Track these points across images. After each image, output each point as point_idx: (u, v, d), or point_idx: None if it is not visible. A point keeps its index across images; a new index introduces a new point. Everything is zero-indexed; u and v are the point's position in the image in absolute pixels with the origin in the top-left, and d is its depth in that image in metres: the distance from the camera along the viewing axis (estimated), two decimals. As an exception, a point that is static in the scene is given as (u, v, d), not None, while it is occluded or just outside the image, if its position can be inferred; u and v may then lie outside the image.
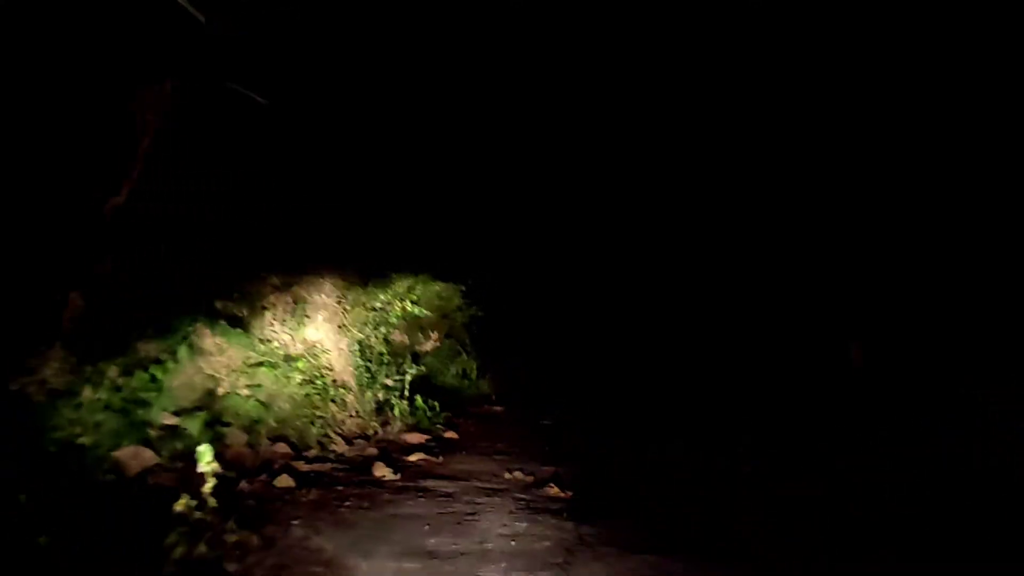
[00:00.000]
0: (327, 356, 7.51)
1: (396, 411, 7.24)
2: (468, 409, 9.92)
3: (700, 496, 4.97)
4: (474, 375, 11.68)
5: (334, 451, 6.06)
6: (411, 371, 9.40)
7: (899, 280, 9.08)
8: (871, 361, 9.29)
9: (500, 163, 13.74)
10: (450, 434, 7.61)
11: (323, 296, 7.74)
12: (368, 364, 8.68)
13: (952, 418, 6.58)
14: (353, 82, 10.18)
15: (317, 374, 6.85)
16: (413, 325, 12.09)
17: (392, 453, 6.32)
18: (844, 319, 10.11)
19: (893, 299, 9.11)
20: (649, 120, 12.53)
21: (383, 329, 9.14)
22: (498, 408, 10.22)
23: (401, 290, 10.58)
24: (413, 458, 6.20)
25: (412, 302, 10.52)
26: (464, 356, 12.19)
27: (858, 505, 4.76)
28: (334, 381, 7.13)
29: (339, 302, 8.20)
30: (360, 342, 8.56)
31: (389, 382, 9.04)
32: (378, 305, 9.18)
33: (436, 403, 8.59)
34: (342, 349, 7.91)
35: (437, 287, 11.70)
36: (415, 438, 7.13)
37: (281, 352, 6.58)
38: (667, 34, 11.26)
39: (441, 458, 6.25)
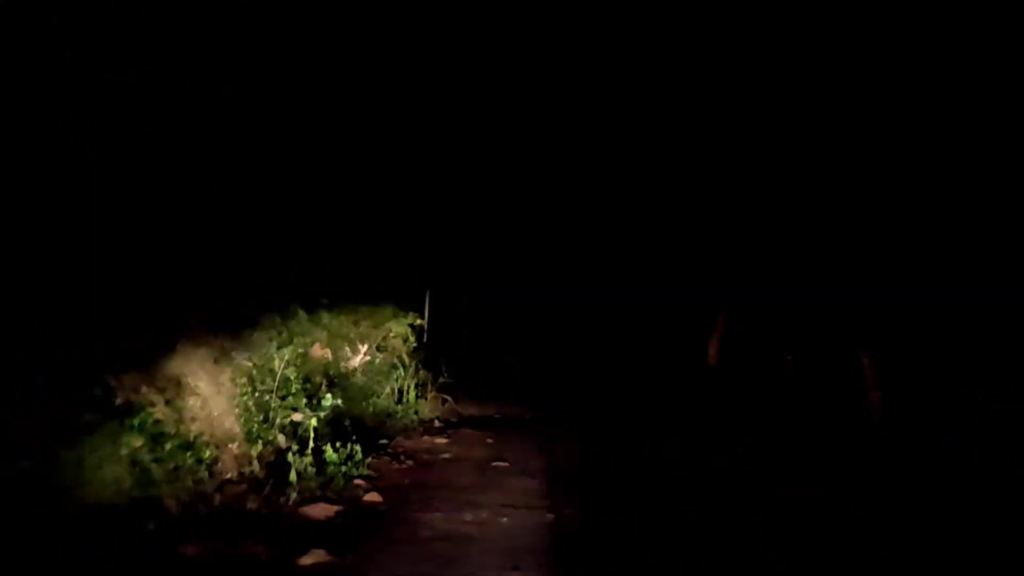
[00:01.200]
0: (196, 398, 5.26)
1: (292, 475, 5.03)
2: (402, 444, 7.72)
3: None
4: (412, 396, 9.46)
5: (183, 556, 3.87)
6: (326, 402, 7.18)
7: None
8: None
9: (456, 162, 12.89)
10: (372, 497, 5.39)
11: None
12: (266, 398, 6.44)
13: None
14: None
15: (172, 430, 4.62)
16: (338, 336, 9.88)
17: (278, 550, 4.13)
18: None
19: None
20: (634, 122, 11.74)
21: (287, 350, 6.91)
22: (440, 440, 8.04)
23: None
24: (308, 560, 4.01)
25: (327, 310, 8.34)
26: (401, 371, 9.99)
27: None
28: (200, 435, 4.89)
29: (219, 319, 5.95)
30: (252, 370, 6.30)
31: (298, 417, 6.81)
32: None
33: (357, 447, 6.37)
34: (222, 384, 5.64)
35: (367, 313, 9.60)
36: (320, 512, 4.90)
37: (109, 403, 4.33)
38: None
39: (350, 556, 4.09)
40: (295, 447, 5.41)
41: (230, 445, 5.23)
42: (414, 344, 9.85)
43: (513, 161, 13.60)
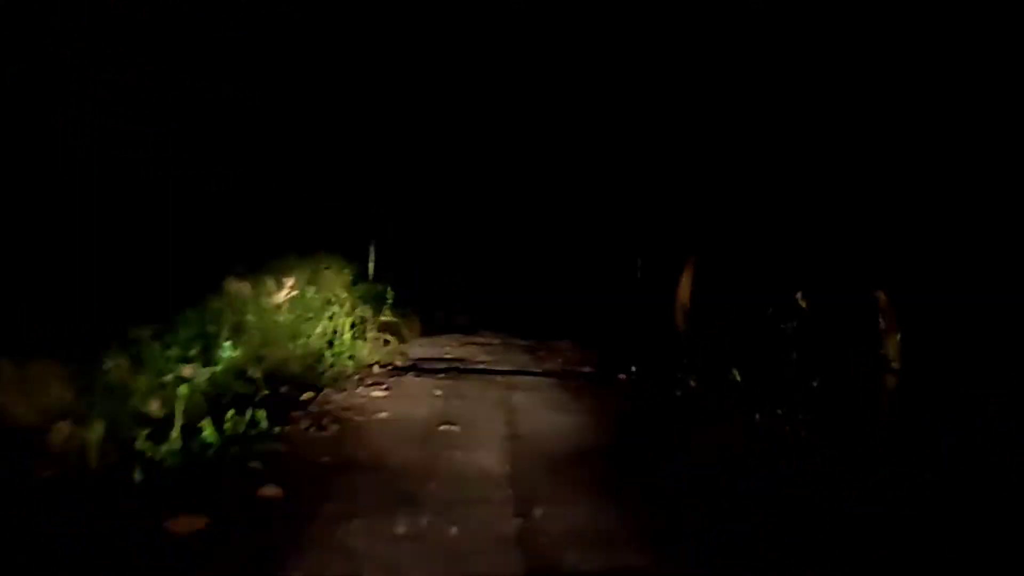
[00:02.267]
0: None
1: (138, 472, 3.34)
2: (330, 400, 6.09)
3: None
4: (347, 337, 7.82)
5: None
6: (225, 352, 5.48)
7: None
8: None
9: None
10: (270, 492, 3.80)
11: None
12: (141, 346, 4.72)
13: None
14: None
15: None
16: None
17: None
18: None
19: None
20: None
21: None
22: (378, 392, 6.44)
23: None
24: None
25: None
26: (337, 308, 8.30)
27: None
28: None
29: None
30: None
31: (188, 371, 5.14)
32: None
33: (261, 412, 4.75)
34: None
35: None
36: (183, 526, 3.24)
37: None
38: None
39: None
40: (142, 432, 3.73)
41: (59, 423, 3.54)
42: (350, 277, 8.18)
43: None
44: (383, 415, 5.52)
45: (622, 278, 12.52)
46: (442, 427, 5.20)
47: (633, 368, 8.14)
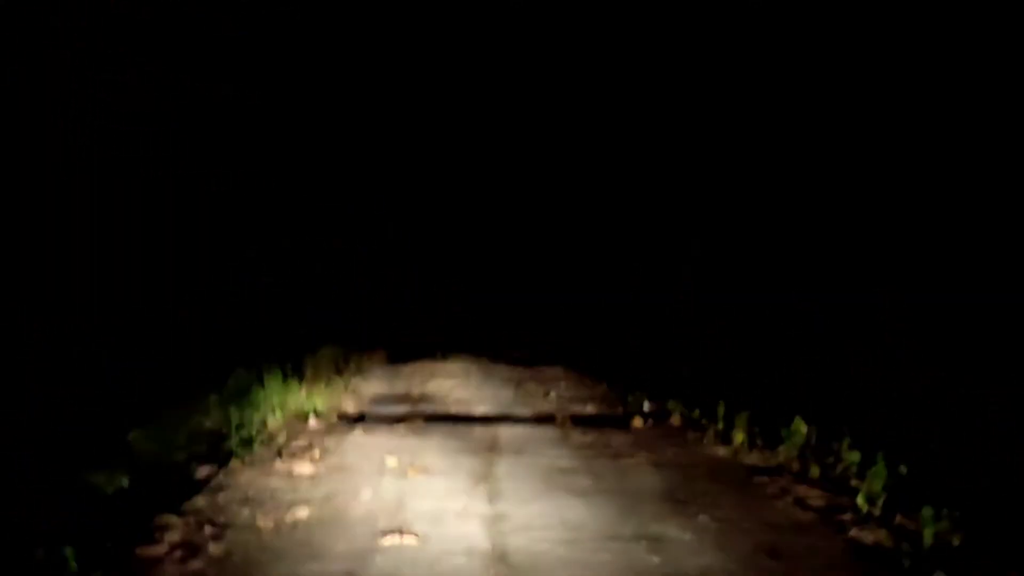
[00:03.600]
0: None
1: None
2: (230, 485, 4.18)
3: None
4: (276, 381, 5.83)
5: None
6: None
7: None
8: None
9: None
10: None
11: None
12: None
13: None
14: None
15: None
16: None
17: None
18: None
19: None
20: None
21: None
22: (305, 467, 4.43)
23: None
24: None
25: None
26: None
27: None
28: None
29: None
30: None
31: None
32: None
33: (68, 550, 2.80)
34: None
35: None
36: None
37: None
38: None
39: None
40: None
41: None
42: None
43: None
44: (302, 514, 3.62)
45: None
46: (389, 539, 3.31)
47: (647, 407, 6.46)
